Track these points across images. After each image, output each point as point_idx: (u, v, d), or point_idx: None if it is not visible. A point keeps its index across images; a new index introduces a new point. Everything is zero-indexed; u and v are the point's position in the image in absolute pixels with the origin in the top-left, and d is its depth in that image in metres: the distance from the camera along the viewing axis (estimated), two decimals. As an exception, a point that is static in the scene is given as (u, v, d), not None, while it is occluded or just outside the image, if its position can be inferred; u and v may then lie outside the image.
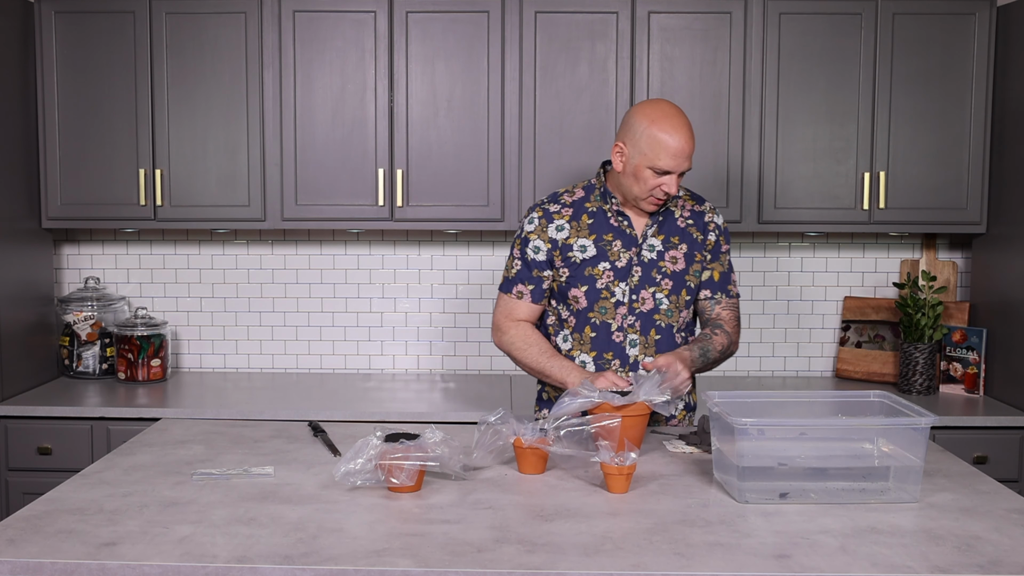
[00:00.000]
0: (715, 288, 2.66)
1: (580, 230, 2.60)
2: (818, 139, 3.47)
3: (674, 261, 2.60)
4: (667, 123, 2.47)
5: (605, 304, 2.57)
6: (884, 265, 3.86)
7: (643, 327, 2.58)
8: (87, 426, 3.27)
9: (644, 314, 2.58)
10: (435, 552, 1.74)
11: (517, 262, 2.65)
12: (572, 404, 2.21)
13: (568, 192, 2.67)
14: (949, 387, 3.61)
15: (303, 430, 2.61)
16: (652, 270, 2.58)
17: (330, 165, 3.49)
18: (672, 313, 2.60)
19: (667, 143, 2.45)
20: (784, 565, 1.71)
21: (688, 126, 2.49)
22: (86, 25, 3.47)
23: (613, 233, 2.59)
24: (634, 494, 2.08)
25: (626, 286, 2.57)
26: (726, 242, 2.69)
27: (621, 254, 2.58)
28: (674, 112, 2.50)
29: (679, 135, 2.45)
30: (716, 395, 2.21)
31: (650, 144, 2.46)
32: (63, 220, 3.56)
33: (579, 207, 2.63)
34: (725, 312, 2.67)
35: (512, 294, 2.65)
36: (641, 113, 2.51)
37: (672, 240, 2.61)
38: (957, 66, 3.45)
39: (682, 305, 2.61)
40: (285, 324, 3.89)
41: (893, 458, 2.10)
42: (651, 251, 2.59)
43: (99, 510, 1.95)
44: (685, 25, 3.44)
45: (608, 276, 2.57)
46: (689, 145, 2.47)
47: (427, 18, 3.45)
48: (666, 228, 2.62)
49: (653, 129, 2.46)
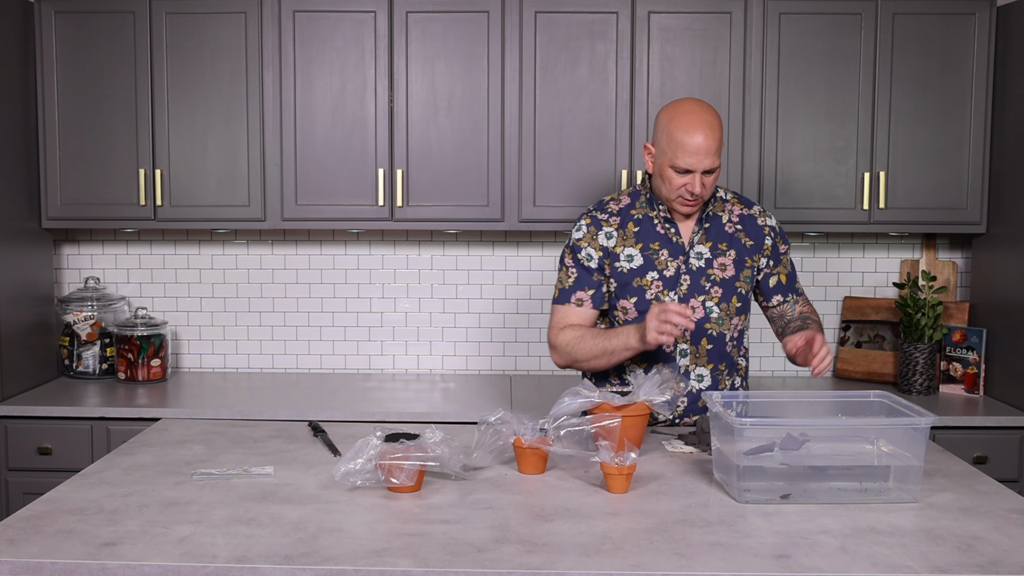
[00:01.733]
0: (785, 291, 2.63)
1: (627, 239, 2.56)
2: (818, 139, 3.47)
3: (723, 268, 2.55)
4: (685, 120, 2.43)
5: None
6: (884, 265, 3.86)
7: (694, 336, 2.53)
8: (87, 426, 3.27)
9: (695, 323, 2.50)
10: (435, 552, 1.74)
11: (573, 271, 2.57)
12: (572, 404, 2.21)
13: (614, 200, 2.63)
14: (949, 387, 3.61)
15: (303, 430, 2.61)
16: (701, 278, 2.53)
17: (330, 165, 3.49)
18: (723, 321, 2.55)
19: (683, 140, 2.41)
20: (784, 565, 1.71)
21: (709, 123, 2.42)
22: (86, 25, 3.47)
23: (659, 242, 2.55)
24: (634, 494, 2.08)
25: (675, 295, 2.53)
26: (783, 243, 2.64)
27: (669, 263, 2.53)
28: (695, 108, 2.45)
29: (697, 132, 2.40)
30: (716, 395, 2.21)
31: (669, 142, 2.44)
32: (63, 220, 3.56)
33: (626, 215, 2.58)
34: (805, 308, 2.64)
35: (571, 303, 2.56)
36: (664, 112, 2.49)
37: (720, 247, 2.56)
38: (957, 66, 3.45)
39: (732, 312, 2.56)
40: (285, 324, 3.89)
41: (893, 458, 2.10)
42: (699, 259, 2.54)
43: (99, 510, 1.95)
44: (685, 25, 3.44)
45: (657, 286, 2.53)
46: (709, 142, 2.40)
47: (427, 18, 3.45)
48: (713, 234, 2.56)
49: (671, 127, 2.44)
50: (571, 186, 3.46)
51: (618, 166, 3.45)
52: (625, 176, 3.45)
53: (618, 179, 3.45)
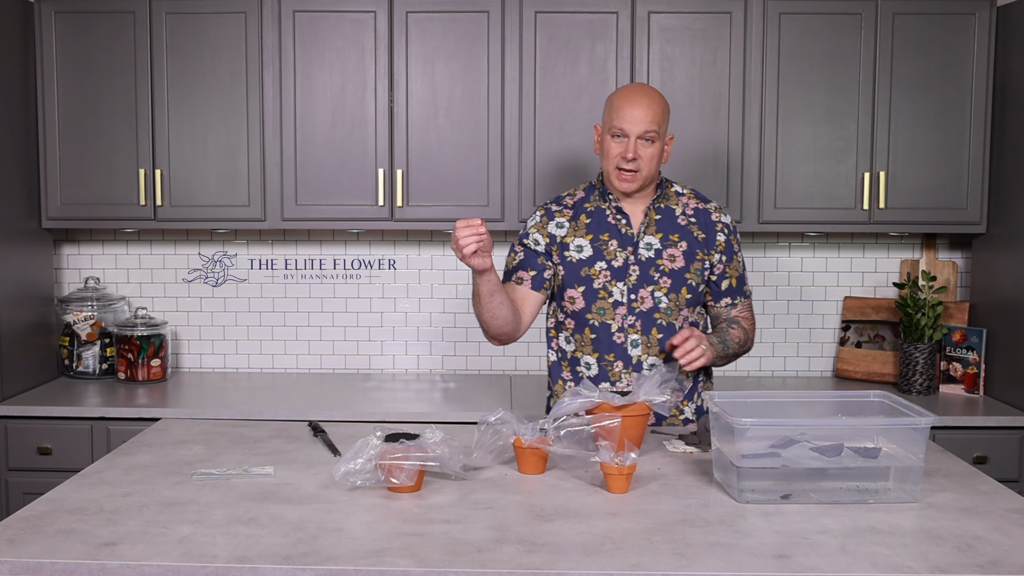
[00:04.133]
0: (734, 293, 2.66)
1: (578, 229, 2.60)
2: (818, 139, 3.47)
3: (672, 259, 2.58)
4: (625, 90, 2.55)
5: (603, 304, 2.56)
6: (884, 265, 3.86)
7: (644, 327, 2.56)
8: (87, 426, 3.27)
9: (644, 313, 2.56)
10: (435, 552, 1.74)
11: (519, 254, 2.64)
12: (572, 404, 2.21)
13: (570, 194, 2.68)
14: (949, 387, 3.61)
15: (303, 430, 2.61)
16: (650, 268, 2.56)
17: (330, 165, 3.49)
18: (672, 312, 2.57)
19: (620, 105, 2.50)
20: (784, 565, 1.71)
21: (651, 95, 2.50)
22: (86, 25, 3.47)
23: (609, 232, 2.58)
24: (634, 494, 2.08)
25: (624, 286, 2.56)
26: (737, 242, 2.67)
27: (617, 253, 2.57)
28: (638, 85, 2.57)
29: (635, 97, 2.49)
30: (716, 395, 2.21)
31: (608, 110, 2.54)
32: (63, 220, 3.56)
33: (579, 207, 2.63)
34: (743, 313, 2.68)
35: (512, 281, 2.63)
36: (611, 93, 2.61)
37: (671, 238, 2.59)
38: (957, 66, 3.45)
39: (682, 304, 2.58)
40: (285, 324, 3.89)
41: (893, 458, 2.10)
42: (648, 249, 2.57)
43: (99, 510, 1.95)
44: (685, 25, 3.44)
45: (605, 276, 2.56)
46: (646, 111, 2.47)
47: (427, 18, 3.45)
48: (665, 225, 2.60)
49: (612, 97, 2.55)
50: (571, 186, 3.45)
51: (618, 166, 3.45)
52: (625, 176, 3.45)
53: (618, 179, 3.45)
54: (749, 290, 2.70)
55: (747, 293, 2.69)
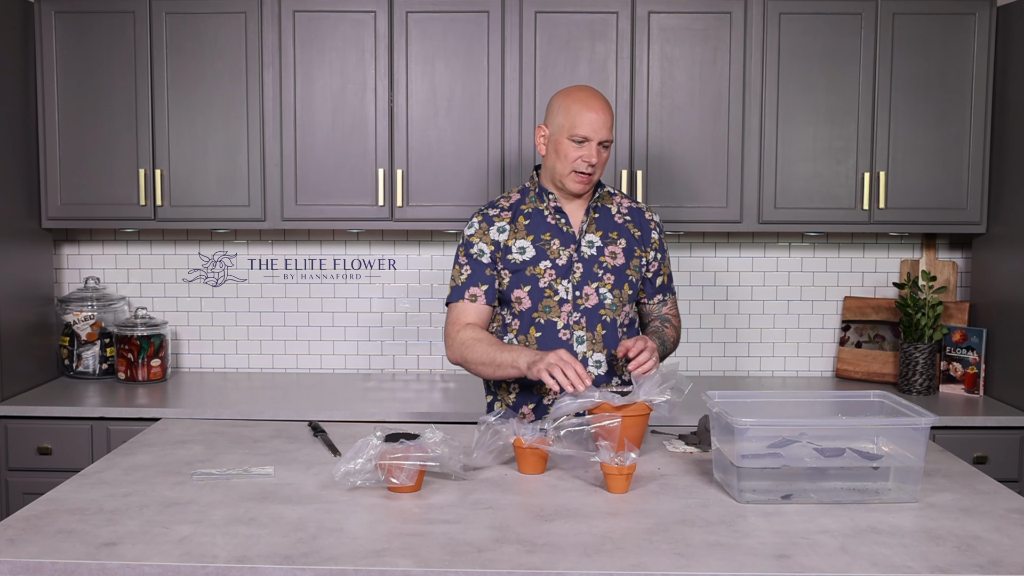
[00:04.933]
0: (665, 291, 2.72)
1: (518, 231, 2.60)
2: (818, 139, 3.47)
3: (614, 256, 2.60)
4: (581, 93, 2.55)
5: (549, 303, 2.56)
6: (884, 265, 3.86)
7: (589, 323, 2.56)
8: (87, 426, 3.27)
9: (589, 310, 2.56)
10: (435, 552, 1.74)
11: (466, 268, 2.60)
12: (572, 404, 2.21)
13: (504, 197, 2.69)
14: (949, 387, 3.61)
15: (303, 430, 2.61)
16: (593, 265, 2.58)
17: (330, 165, 3.49)
18: (616, 307, 2.59)
19: (581, 112, 2.50)
20: (784, 565, 1.71)
21: (603, 100, 2.54)
22: (86, 25, 3.47)
23: (551, 232, 2.59)
24: (634, 494, 2.08)
25: (569, 283, 2.57)
26: (664, 239, 2.73)
27: (561, 252, 2.58)
28: (588, 88, 2.58)
29: (594, 102, 2.52)
30: (716, 395, 2.21)
31: (566, 114, 2.52)
32: (63, 220, 3.56)
33: (516, 210, 2.64)
34: (671, 311, 2.73)
35: (465, 299, 2.58)
36: (558, 94, 2.60)
37: (611, 235, 2.62)
38: (957, 66, 3.45)
39: (625, 299, 2.61)
40: (285, 324, 3.89)
41: (893, 458, 2.10)
42: (590, 247, 2.59)
43: (99, 510, 1.95)
44: (685, 25, 3.44)
45: (550, 274, 2.56)
46: (605, 116, 2.51)
47: (427, 18, 3.45)
48: (603, 224, 2.63)
49: (568, 101, 2.54)
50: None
51: (618, 166, 3.45)
52: (625, 176, 3.45)
53: (618, 178, 3.45)
54: (675, 288, 2.79)
55: (674, 291, 2.76)
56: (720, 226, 3.50)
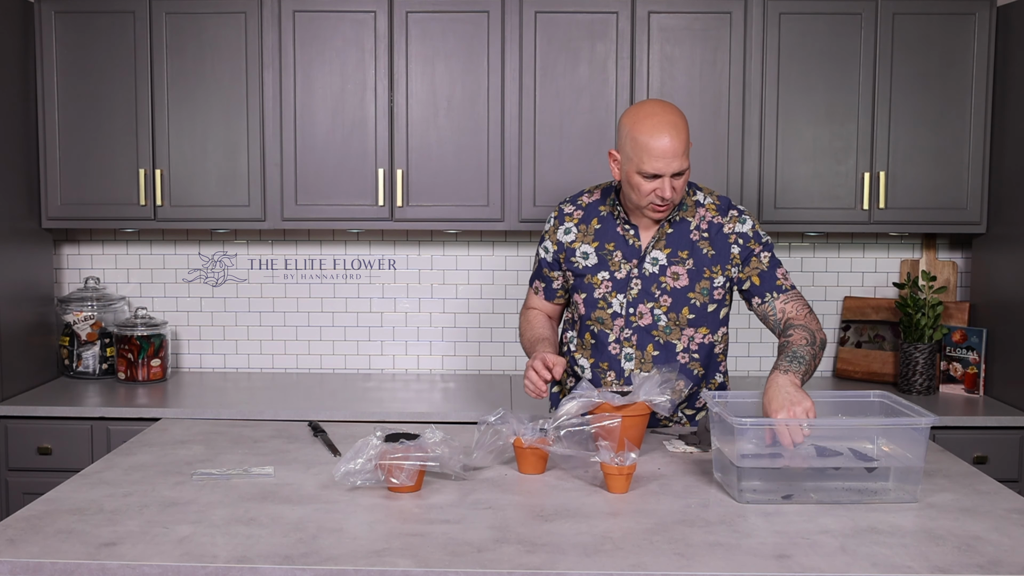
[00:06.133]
0: (762, 291, 2.49)
1: (586, 235, 2.55)
2: (818, 139, 3.47)
3: (675, 277, 2.49)
4: (648, 123, 2.35)
5: (602, 314, 2.53)
6: (884, 265, 3.86)
7: (640, 342, 2.51)
8: (87, 426, 3.27)
9: (641, 329, 2.51)
10: (435, 552, 1.74)
11: (536, 260, 2.69)
12: (572, 404, 2.21)
13: (588, 193, 2.62)
14: (949, 387, 3.61)
15: (303, 430, 2.61)
16: (652, 285, 2.49)
17: (330, 165, 3.49)
18: (671, 331, 2.50)
19: (648, 144, 2.33)
20: (784, 565, 1.71)
21: (674, 123, 2.34)
22: (86, 25, 3.47)
23: (616, 242, 2.52)
24: (634, 494, 2.08)
25: (624, 298, 2.51)
26: (757, 243, 2.50)
27: (622, 265, 2.51)
28: (658, 110, 2.37)
29: (663, 134, 2.32)
30: (716, 395, 2.21)
31: (634, 148, 2.36)
32: (63, 220, 3.56)
33: (591, 210, 2.57)
34: (789, 306, 2.47)
35: (532, 287, 2.72)
36: (626, 116, 2.42)
37: (680, 255, 2.49)
38: (957, 66, 3.45)
39: (683, 324, 2.50)
40: (285, 324, 3.89)
41: (893, 458, 2.10)
42: (654, 264, 2.49)
43: (99, 510, 1.95)
44: (685, 25, 3.44)
45: (606, 286, 2.52)
46: (676, 143, 2.32)
47: (427, 18, 3.45)
48: (674, 241, 2.49)
49: (635, 132, 2.36)
50: (571, 186, 3.45)
51: (618, 166, 3.45)
52: (625, 176, 3.45)
53: (618, 179, 3.45)
54: (788, 284, 2.50)
55: (782, 288, 2.49)
56: (720, 226, 3.50)
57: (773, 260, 2.52)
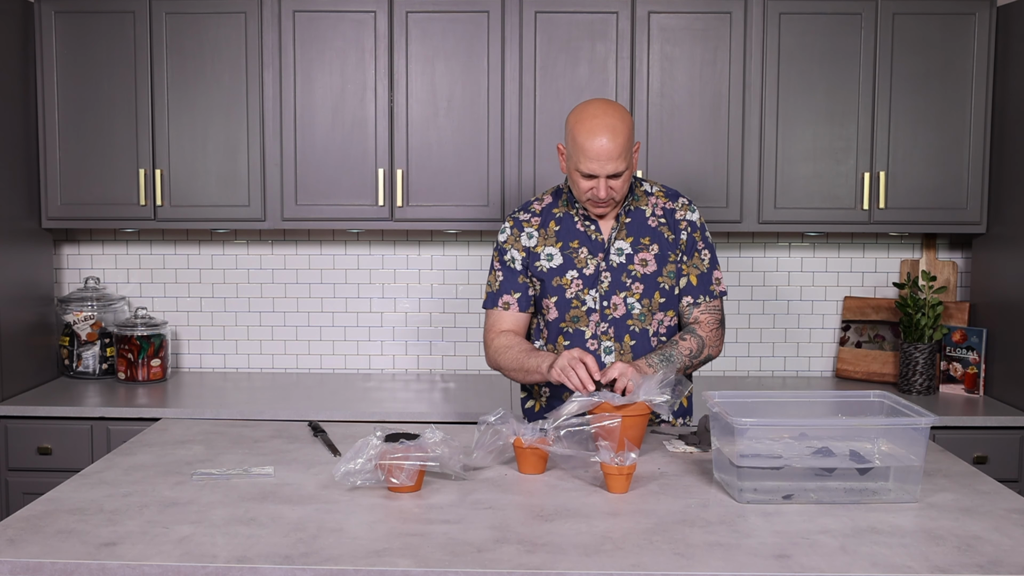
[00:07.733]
0: (695, 292, 2.55)
1: (547, 238, 2.55)
2: (818, 139, 3.47)
3: (644, 263, 2.51)
4: (587, 124, 2.36)
5: (577, 313, 2.53)
6: (884, 265, 3.86)
7: (617, 333, 2.52)
8: (87, 426, 3.27)
9: (617, 320, 2.52)
10: (435, 552, 1.74)
11: (499, 274, 2.59)
12: (573, 404, 2.21)
13: (538, 200, 2.63)
14: (949, 387, 3.61)
15: (303, 430, 2.61)
16: (622, 275, 2.51)
17: (330, 165, 3.49)
18: (645, 317, 2.52)
19: (584, 145, 2.35)
20: (784, 565, 1.71)
21: (612, 127, 2.34)
22: (86, 25, 3.47)
23: (579, 239, 2.53)
24: (634, 494, 2.08)
25: (596, 293, 2.51)
26: (702, 239, 2.56)
27: (588, 261, 2.52)
28: (599, 112, 2.37)
29: (599, 136, 2.33)
30: (716, 395, 2.21)
31: (573, 147, 2.39)
32: (63, 220, 3.56)
33: (547, 214, 2.58)
34: (703, 315, 2.55)
35: (498, 307, 2.58)
36: (571, 114, 2.44)
37: (642, 241, 2.53)
38: (957, 66, 3.45)
39: (655, 308, 2.52)
40: (285, 324, 3.89)
41: (893, 458, 2.10)
42: (619, 255, 2.52)
43: (99, 510, 1.95)
44: (685, 25, 3.44)
45: (577, 284, 2.52)
46: (612, 146, 2.33)
47: (427, 18, 3.45)
48: (634, 229, 2.53)
49: (575, 131, 2.38)
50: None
51: (618, 166, 3.45)
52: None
53: (618, 179, 3.45)
54: (719, 290, 2.57)
55: (714, 293, 2.55)
56: (720, 226, 3.50)
57: (713, 261, 2.58)
